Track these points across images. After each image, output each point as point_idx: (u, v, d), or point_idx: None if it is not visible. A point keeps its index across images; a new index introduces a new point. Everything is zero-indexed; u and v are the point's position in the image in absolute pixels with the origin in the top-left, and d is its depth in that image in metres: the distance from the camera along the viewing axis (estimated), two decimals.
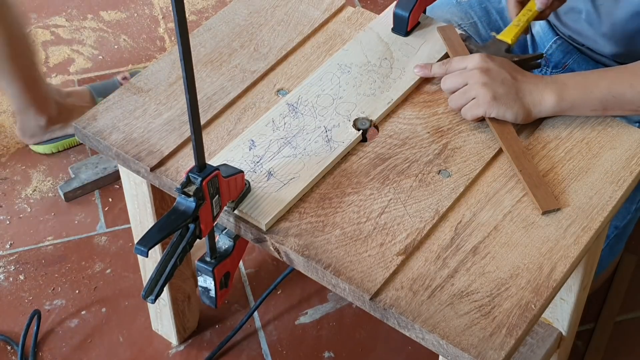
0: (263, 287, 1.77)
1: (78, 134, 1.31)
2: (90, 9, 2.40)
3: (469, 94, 1.27)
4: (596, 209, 1.19)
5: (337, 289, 1.13)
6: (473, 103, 1.27)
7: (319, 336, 1.71)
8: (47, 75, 2.20)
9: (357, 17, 1.47)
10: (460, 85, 1.28)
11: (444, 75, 1.31)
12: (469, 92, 1.27)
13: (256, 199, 1.18)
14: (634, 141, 1.27)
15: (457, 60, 1.31)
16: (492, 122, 1.27)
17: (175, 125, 1.30)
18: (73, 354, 1.68)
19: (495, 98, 1.26)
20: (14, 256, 1.84)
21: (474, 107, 1.27)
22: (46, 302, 1.76)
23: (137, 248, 1.04)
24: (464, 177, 1.22)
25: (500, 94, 1.26)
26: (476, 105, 1.26)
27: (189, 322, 1.67)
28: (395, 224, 1.17)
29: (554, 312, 1.45)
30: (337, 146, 1.25)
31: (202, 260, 1.17)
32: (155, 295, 1.05)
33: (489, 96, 1.25)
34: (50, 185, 1.96)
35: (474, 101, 1.27)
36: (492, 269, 1.12)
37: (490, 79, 1.27)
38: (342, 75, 1.35)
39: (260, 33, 1.44)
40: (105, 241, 1.86)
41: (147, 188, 1.36)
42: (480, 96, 1.26)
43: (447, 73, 1.31)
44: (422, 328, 1.06)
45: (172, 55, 1.41)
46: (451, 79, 1.29)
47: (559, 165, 1.24)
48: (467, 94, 1.27)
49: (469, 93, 1.27)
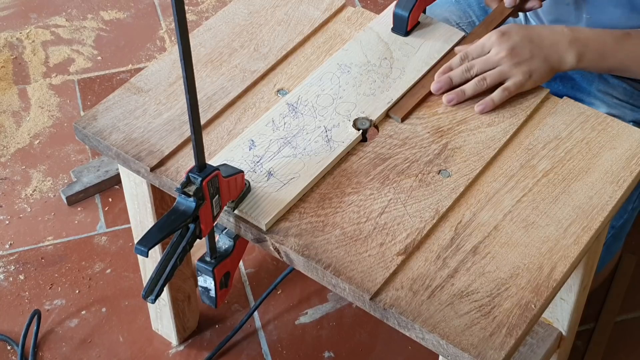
0: (263, 287, 1.77)
1: (78, 133, 1.31)
2: (90, 9, 2.40)
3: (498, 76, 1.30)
4: (596, 209, 1.19)
5: (337, 289, 1.13)
6: (510, 85, 1.29)
7: (319, 336, 1.71)
8: (47, 75, 2.21)
9: (357, 17, 1.47)
10: (497, 77, 1.30)
11: (466, 75, 1.32)
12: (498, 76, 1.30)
13: (256, 199, 1.18)
14: (634, 141, 1.27)
15: (474, 50, 1.32)
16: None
17: (175, 125, 1.30)
18: (73, 354, 1.68)
19: (530, 75, 1.29)
20: (14, 256, 1.84)
21: (504, 92, 1.29)
22: (46, 302, 1.76)
23: (137, 248, 1.04)
24: (464, 177, 1.22)
25: (534, 69, 1.29)
26: (510, 88, 1.30)
27: (189, 322, 1.67)
28: (395, 224, 1.17)
29: (554, 312, 1.45)
30: (337, 146, 1.25)
31: (202, 260, 1.17)
32: (155, 295, 1.05)
33: (525, 77, 1.29)
34: (50, 185, 1.96)
35: (513, 82, 1.29)
36: (492, 269, 1.12)
37: (519, 57, 1.29)
38: (342, 75, 1.35)
39: (260, 33, 1.44)
40: (105, 241, 1.86)
41: (147, 188, 1.36)
42: (518, 78, 1.29)
43: (471, 72, 1.31)
44: (422, 328, 1.06)
45: (172, 55, 1.41)
46: (481, 79, 1.30)
47: (559, 165, 1.24)
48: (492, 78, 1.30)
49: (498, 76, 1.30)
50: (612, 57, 1.32)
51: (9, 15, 2.37)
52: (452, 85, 1.32)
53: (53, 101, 2.15)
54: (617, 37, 1.33)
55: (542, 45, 1.30)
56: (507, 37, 1.31)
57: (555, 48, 1.30)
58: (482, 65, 1.31)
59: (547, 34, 1.31)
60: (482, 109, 1.29)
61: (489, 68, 1.31)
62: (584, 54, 1.31)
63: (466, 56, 1.32)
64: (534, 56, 1.30)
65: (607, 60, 1.32)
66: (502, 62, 1.30)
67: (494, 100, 1.29)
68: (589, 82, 1.54)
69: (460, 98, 1.30)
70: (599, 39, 1.32)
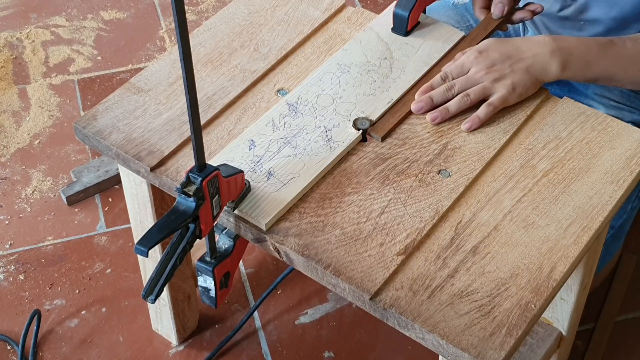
0: (263, 287, 1.77)
1: (78, 133, 1.31)
2: (90, 9, 2.40)
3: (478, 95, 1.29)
4: (596, 209, 1.19)
5: (337, 289, 1.13)
6: (495, 99, 1.29)
7: (319, 336, 1.71)
8: (47, 75, 2.21)
9: (357, 17, 1.47)
10: (480, 93, 1.29)
11: (447, 95, 1.30)
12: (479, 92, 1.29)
13: (256, 199, 1.18)
14: (634, 141, 1.27)
15: (454, 69, 1.31)
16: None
17: (175, 125, 1.30)
18: (73, 354, 1.68)
19: (514, 89, 1.28)
20: (14, 256, 1.84)
21: (490, 107, 1.28)
22: (46, 302, 1.76)
23: (137, 248, 1.04)
24: (464, 177, 1.22)
25: (516, 82, 1.28)
26: (495, 104, 1.28)
27: (189, 322, 1.67)
28: (395, 224, 1.17)
29: (554, 312, 1.45)
30: (337, 146, 1.25)
31: (202, 260, 1.17)
32: (155, 295, 1.05)
33: (508, 91, 1.28)
34: (50, 185, 1.96)
35: (497, 97, 1.28)
36: (492, 269, 1.12)
37: (499, 72, 1.28)
38: (342, 75, 1.35)
39: (260, 33, 1.44)
40: (105, 241, 1.86)
41: (147, 188, 1.36)
42: (501, 92, 1.28)
43: (452, 91, 1.30)
44: (422, 328, 1.06)
45: (172, 55, 1.41)
46: (462, 96, 1.29)
47: (559, 165, 1.24)
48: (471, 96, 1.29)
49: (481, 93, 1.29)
50: (597, 64, 1.31)
51: (9, 15, 2.37)
52: (433, 105, 1.29)
53: (53, 101, 2.15)
54: (602, 44, 1.31)
55: (522, 58, 1.29)
56: (486, 55, 1.30)
57: (537, 59, 1.29)
58: (463, 84, 1.30)
59: (527, 46, 1.30)
60: (469, 127, 1.27)
61: (470, 86, 1.29)
62: (568, 62, 1.30)
63: (447, 76, 1.31)
64: (514, 70, 1.29)
65: (592, 68, 1.31)
66: (484, 80, 1.29)
67: (479, 116, 1.28)
68: (586, 85, 1.53)
69: (444, 116, 1.28)
70: (583, 46, 1.31)
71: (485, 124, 1.29)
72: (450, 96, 1.29)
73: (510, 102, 1.29)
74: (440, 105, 1.29)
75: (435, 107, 1.29)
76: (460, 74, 1.31)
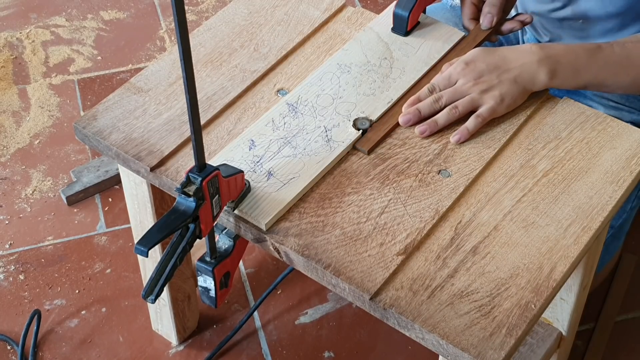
0: (263, 287, 1.77)
1: (78, 133, 1.31)
2: (90, 9, 2.40)
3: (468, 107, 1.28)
4: (596, 209, 1.19)
5: (337, 289, 1.13)
6: (484, 111, 1.28)
7: (319, 336, 1.71)
8: (47, 75, 2.21)
9: (357, 17, 1.47)
10: (468, 105, 1.28)
11: (435, 107, 1.29)
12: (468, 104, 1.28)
13: (256, 199, 1.18)
14: (634, 141, 1.27)
15: (441, 81, 1.31)
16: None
17: (175, 125, 1.30)
18: (73, 354, 1.68)
19: (502, 100, 1.27)
20: (14, 256, 1.84)
21: (479, 119, 1.28)
22: (46, 302, 1.76)
23: (137, 248, 1.04)
24: (464, 177, 1.22)
25: (504, 92, 1.27)
26: (484, 115, 1.28)
27: (189, 322, 1.67)
28: (395, 224, 1.17)
29: (554, 312, 1.45)
30: (337, 146, 1.25)
31: (202, 260, 1.17)
32: (155, 295, 1.05)
33: (497, 102, 1.27)
34: (50, 185, 1.96)
35: (485, 109, 1.27)
36: (492, 269, 1.12)
37: (487, 83, 1.27)
38: (342, 75, 1.35)
39: (260, 33, 1.44)
40: (105, 241, 1.86)
41: (147, 188, 1.36)
42: (489, 104, 1.27)
43: (439, 103, 1.29)
44: (422, 328, 1.06)
45: (172, 55, 1.41)
46: (450, 108, 1.28)
47: (559, 165, 1.24)
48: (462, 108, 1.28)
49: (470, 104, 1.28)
50: (585, 71, 1.29)
51: (9, 15, 2.37)
52: (420, 118, 1.28)
53: (53, 101, 2.15)
54: (589, 50, 1.30)
55: (509, 68, 1.28)
56: (473, 67, 1.29)
57: (525, 68, 1.28)
58: (450, 95, 1.29)
59: (514, 56, 1.29)
60: (458, 139, 1.26)
61: (458, 98, 1.29)
62: (557, 70, 1.28)
63: (434, 87, 1.30)
64: (502, 81, 1.28)
65: (581, 75, 1.29)
66: (471, 91, 1.28)
67: (468, 128, 1.26)
68: None
69: (433, 129, 1.27)
70: (571, 53, 1.30)
71: (485, 125, 1.29)
72: (438, 108, 1.28)
73: (499, 113, 1.28)
74: (428, 118, 1.28)
75: (424, 119, 1.28)
76: (447, 86, 1.30)
